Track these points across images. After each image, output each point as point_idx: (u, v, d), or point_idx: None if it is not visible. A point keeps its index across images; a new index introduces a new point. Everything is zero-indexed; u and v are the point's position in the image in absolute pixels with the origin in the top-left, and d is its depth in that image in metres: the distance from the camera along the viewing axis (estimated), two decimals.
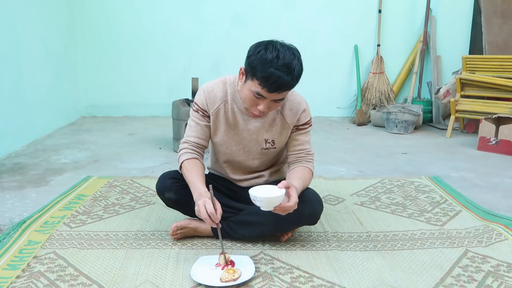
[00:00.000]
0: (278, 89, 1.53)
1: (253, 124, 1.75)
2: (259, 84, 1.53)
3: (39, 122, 3.82)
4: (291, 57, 1.53)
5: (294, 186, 1.59)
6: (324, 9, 4.86)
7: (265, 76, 1.50)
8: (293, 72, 1.52)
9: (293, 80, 1.55)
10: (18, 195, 2.39)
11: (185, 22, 4.79)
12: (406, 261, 1.68)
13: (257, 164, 1.84)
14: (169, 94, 4.78)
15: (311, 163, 1.80)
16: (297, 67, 1.55)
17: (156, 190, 1.82)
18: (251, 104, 1.61)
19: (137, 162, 3.09)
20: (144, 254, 1.71)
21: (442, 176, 2.78)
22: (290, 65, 1.51)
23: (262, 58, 1.52)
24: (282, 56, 1.51)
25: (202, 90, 1.76)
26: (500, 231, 1.87)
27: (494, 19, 4.49)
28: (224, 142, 1.79)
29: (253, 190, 1.56)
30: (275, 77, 1.50)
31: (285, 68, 1.50)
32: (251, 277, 1.51)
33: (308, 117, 1.79)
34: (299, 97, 1.79)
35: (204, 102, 1.74)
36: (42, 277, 1.53)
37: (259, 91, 1.55)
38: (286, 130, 1.78)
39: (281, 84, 1.52)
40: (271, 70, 1.49)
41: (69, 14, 4.59)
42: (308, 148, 1.81)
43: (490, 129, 3.47)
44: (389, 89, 4.73)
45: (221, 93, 1.74)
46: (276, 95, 1.56)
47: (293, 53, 1.56)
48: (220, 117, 1.76)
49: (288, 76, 1.51)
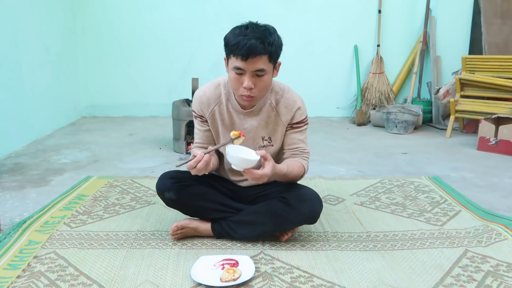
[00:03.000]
0: (250, 54, 1.55)
1: (249, 123, 1.76)
2: (233, 55, 1.59)
3: (39, 122, 3.83)
4: (261, 28, 1.60)
5: (272, 162, 1.60)
6: (324, 9, 4.86)
7: (235, 43, 1.57)
8: (264, 39, 1.56)
9: (264, 45, 1.56)
10: (19, 195, 2.40)
11: (185, 22, 4.79)
12: (406, 261, 1.68)
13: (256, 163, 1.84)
14: (169, 94, 4.79)
15: (305, 160, 1.79)
16: (269, 36, 1.58)
17: (156, 190, 1.83)
18: (237, 84, 1.64)
19: (137, 162, 3.09)
20: (144, 254, 1.71)
21: (442, 176, 2.78)
22: (261, 32, 1.57)
23: (233, 32, 1.61)
24: (251, 27, 1.59)
25: (195, 96, 1.82)
26: (499, 231, 1.88)
27: (493, 19, 4.49)
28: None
29: (230, 147, 1.57)
30: (244, 41, 1.55)
31: (254, 33, 1.56)
32: (251, 277, 1.51)
33: (303, 115, 1.79)
34: (295, 95, 1.80)
35: (199, 108, 1.79)
36: (43, 277, 1.53)
37: (237, 64, 1.59)
38: (281, 128, 1.78)
39: (251, 47, 1.54)
40: (240, 37, 1.56)
41: (70, 14, 4.59)
42: (302, 146, 1.80)
43: (489, 129, 3.47)
44: (389, 89, 4.73)
45: (214, 95, 1.77)
46: (252, 64, 1.57)
47: (265, 26, 1.62)
48: (216, 118, 1.78)
49: (257, 40, 1.55)
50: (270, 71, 1.64)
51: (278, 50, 1.63)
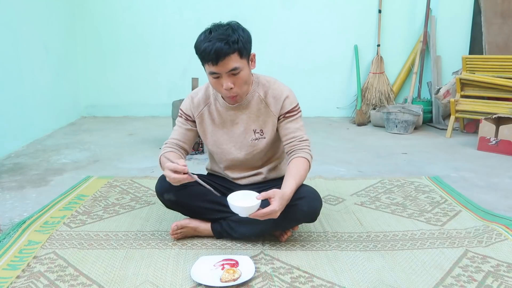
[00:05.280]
0: (218, 58, 1.56)
1: (239, 117, 1.79)
2: (205, 62, 1.60)
3: (39, 122, 3.83)
4: (224, 28, 1.59)
5: (278, 195, 1.57)
6: (324, 9, 4.85)
7: (202, 50, 1.57)
8: (227, 38, 1.56)
9: (229, 45, 1.56)
10: (18, 195, 2.39)
11: (185, 22, 4.79)
12: (406, 261, 1.68)
13: (250, 158, 1.84)
14: (169, 94, 4.79)
15: (305, 151, 1.75)
16: (232, 34, 1.58)
17: (156, 192, 1.84)
18: (218, 87, 1.66)
19: (137, 162, 3.09)
20: (144, 254, 1.71)
21: (442, 176, 2.78)
22: (223, 34, 1.57)
23: (198, 40, 1.61)
24: (214, 31, 1.59)
25: (188, 96, 1.86)
26: (500, 231, 1.88)
27: (494, 19, 4.49)
28: (214, 143, 1.84)
29: (230, 198, 1.60)
30: (209, 47, 1.55)
31: (217, 37, 1.56)
32: (251, 277, 1.51)
33: (293, 103, 1.78)
34: (282, 86, 1.80)
35: (188, 107, 1.83)
36: (42, 277, 1.53)
37: (210, 70, 1.61)
38: (272, 119, 1.78)
39: (217, 51, 1.55)
40: (205, 44, 1.56)
41: (69, 14, 4.59)
42: (300, 134, 1.78)
43: (490, 129, 3.47)
44: (389, 89, 4.73)
45: (204, 96, 1.83)
46: (223, 66, 1.58)
47: (228, 24, 1.62)
48: (205, 119, 1.82)
49: (222, 42, 1.55)
50: (245, 66, 1.64)
51: (246, 45, 1.62)
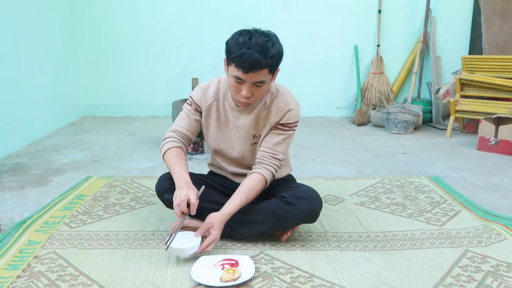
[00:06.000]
0: (252, 68, 1.56)
1: (242, 120, 1.78)
2: (235, 66, 1.59)
3: (39, 122, 3.83)
4: (265, 39, 1.58)
5: (216, 221, 1.65)
6: (324, 9, 4.86)
7: (238, 55, 1.56)
8: (266, 52, 1.56)
9: (266, 59, 1.56)
10: (19, 195, 2.40)
11: (185, 22, 4.79)
12: (406, 261, 1.68)
13: (249, 159, 1.85)
14: (169, 94, 4.79)
15: (269, 169, 1.74)
16: (271, 48, 1.58)
17: (156, 192, 1.84)
18: (235, 91, 1.66)
19: (137, 162, 3.09)
20: (144, 254, 1.71)
21: (442, 176, 2.78)
22: (263, 45, 1.56)
23: (236, 41, 1.59)
24: (254, 38, 1.58)
25: (199, 86, 1.85)
26: (499, 231, 1.88)
27: (493, 19, 4.49)
28: (214, 139, 1.85)
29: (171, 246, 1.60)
30: (247, 55, 1.54)
31: (257, 47, 1.55)
32: (251, 277, 1.51)
33: (293, 119, 1.77)
34: (289, 98, 1.78)
35: (199, 97, 1.82)
36: (43, 277, 1.53)
37: (237, 74, 1.59)
38: (267, 127, 1.79)
39: (253, 62, 1.54)
40: (243, 50, 1.55)
41: (69, 14, 4.59)
42: (277, 151, 1.75)
43: (489, 129, 3.47)
44: (389, 89, 4.73)
45: (215, 91, 1.81)
46: (252, 76, 1.58)
47: (268, 35, 1.61)
48: (211, 114, 1.82)
49: (260, 55, 1.55)
50: (269, 80, 1.66)
51: (279, 61, 1.63)
